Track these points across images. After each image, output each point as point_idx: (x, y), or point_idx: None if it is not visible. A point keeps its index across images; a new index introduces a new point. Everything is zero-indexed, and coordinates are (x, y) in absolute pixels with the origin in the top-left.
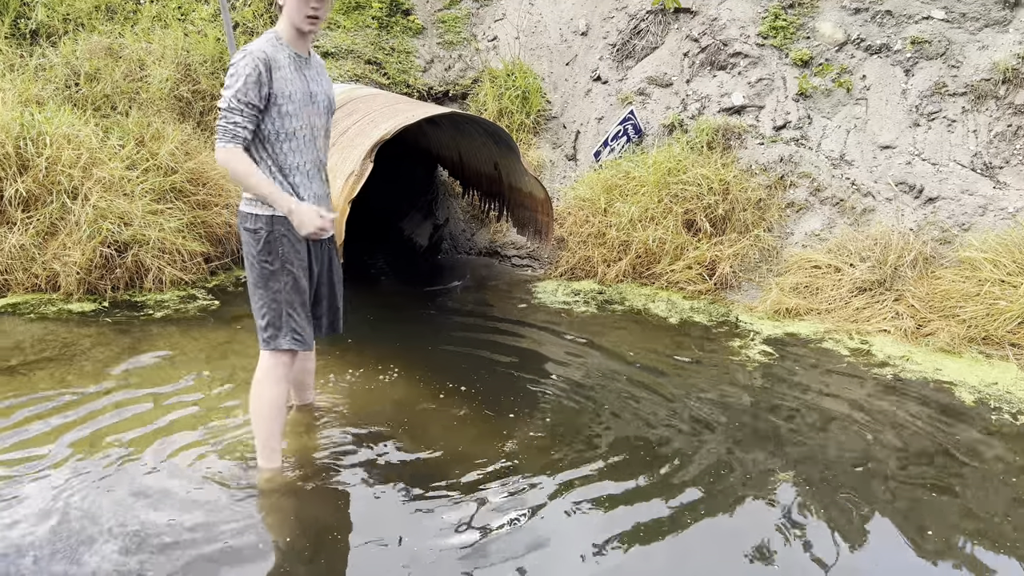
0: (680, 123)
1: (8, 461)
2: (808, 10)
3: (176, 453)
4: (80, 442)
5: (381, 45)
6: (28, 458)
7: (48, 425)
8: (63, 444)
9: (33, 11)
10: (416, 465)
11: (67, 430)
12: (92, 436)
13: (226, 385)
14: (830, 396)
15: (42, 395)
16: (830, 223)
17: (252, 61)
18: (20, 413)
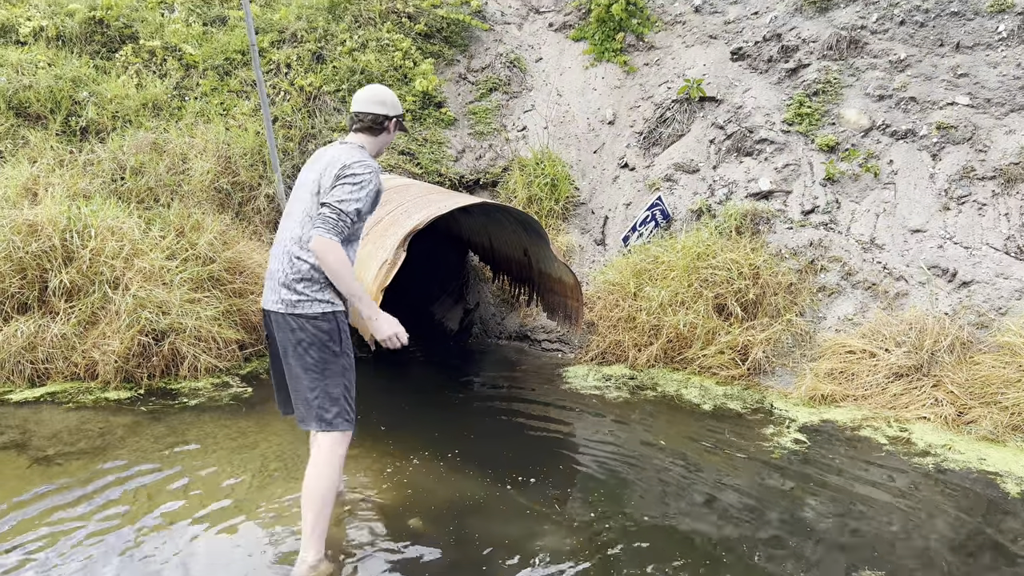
0: (708, 208)
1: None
2: (832, 97)
3: (208, 533)
4: (106, 530)
5: (414, 136)
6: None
7: (76, 512)
8: (90, 533)
9: (84, 109)
10: (451, 553)
11: (97, 519)
12: (121, 523)
13: (256, 475)
14: (870, 486)
15: (76, 483)
16: (863, 307)
17: (377, 179)
18: (48, 500)
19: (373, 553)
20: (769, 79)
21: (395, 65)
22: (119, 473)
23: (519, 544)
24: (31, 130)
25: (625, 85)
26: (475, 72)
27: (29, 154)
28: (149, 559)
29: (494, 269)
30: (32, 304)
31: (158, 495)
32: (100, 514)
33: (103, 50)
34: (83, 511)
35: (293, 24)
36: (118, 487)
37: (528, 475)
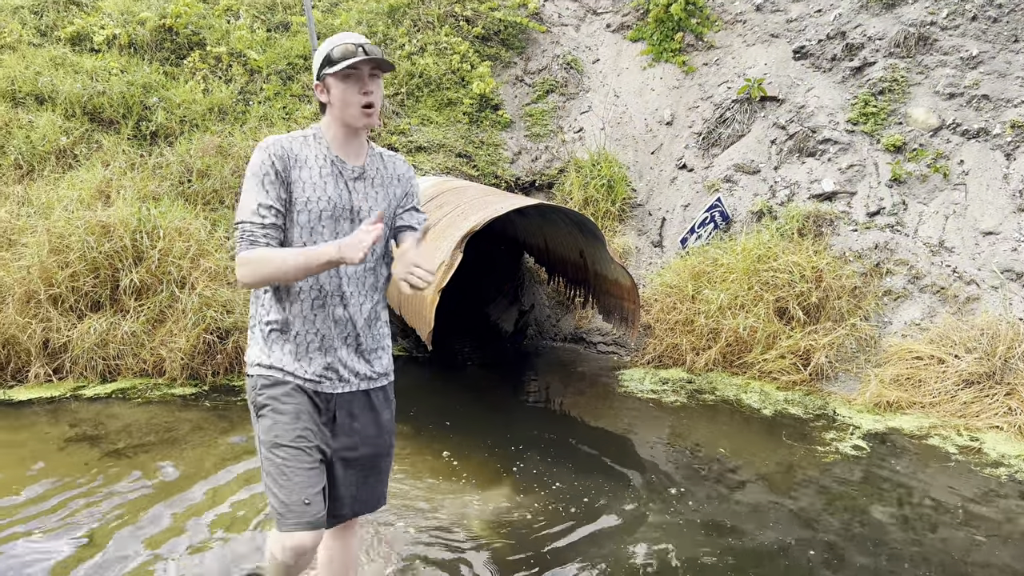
0: (769, 210)
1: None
2: (899, 96)
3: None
4: (173, 527)
5: (471, 139)
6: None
7: (151, 504)
8: (162, 521)
9: (154, 114)
10: (504, 561)
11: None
12: (186, 514)
13: None
14: (938, 496)
15: (145, 476)
16: (931, 312)
17: (260, 153)
18: (119, 492)
19: (428, 556)
20: (833, 78)
21: (453, 68)
22: (185, 467)
23: (578, 549)
24: (104, 134)
25: (684, 85)
26: (532, 74)
27: (102, 157)
28: (220, 553)
29: (549, 271)
30: (104, 302)
31: (225, 489)
32: (167, 503)
33: (172, 57)
34: (150, 503)
35: (353, 29)
36: (186, 481)
37: (584, 480)
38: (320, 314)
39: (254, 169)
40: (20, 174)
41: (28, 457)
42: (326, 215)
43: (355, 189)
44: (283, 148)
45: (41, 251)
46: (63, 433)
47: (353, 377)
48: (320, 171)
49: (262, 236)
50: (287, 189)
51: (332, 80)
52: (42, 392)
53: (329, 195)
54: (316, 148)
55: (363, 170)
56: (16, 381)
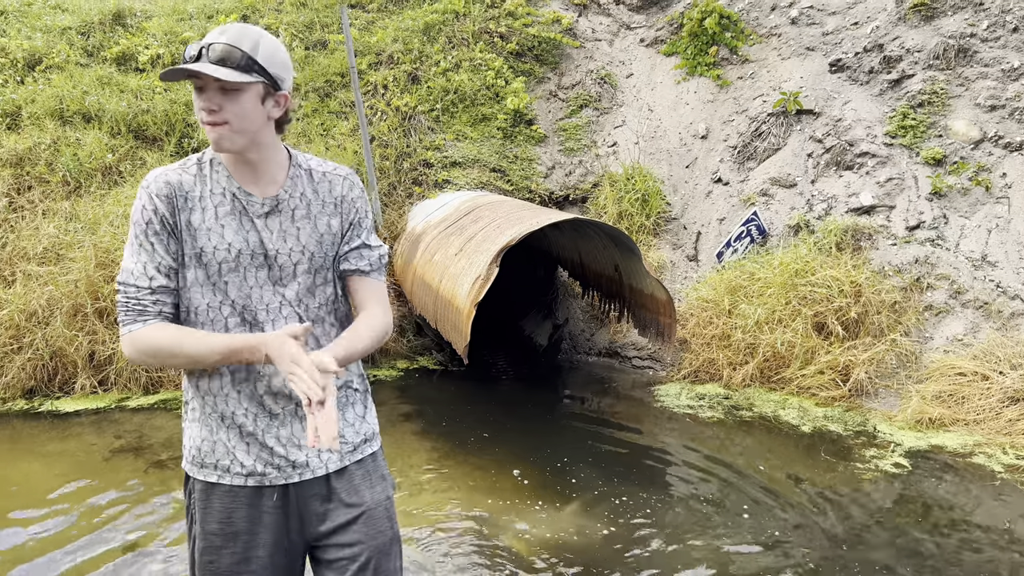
0: (806, 223)
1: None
2: (939, 108)
3: None
4: None
5: (505, 154)
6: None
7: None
8: None
9: (195, 131)
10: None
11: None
12: None
13: None
14: (983, 516)
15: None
16: (974, 327)
17: (141, 197)
18: (165, 504)
19: (465, 567)
20: (870, 91)
21: (487, 84)
22: None
23: (609, 563)
24: (148, 151)
25: (718, 99)
26: (566, 89)
27: (146, 174)
28: None
29: (584, 285)
30: None
31: None
32: None
33: None
34: None
35: (390, 46)
36: None
37: (618, 496)
38: (245, 389)
39: (135, 217)
40: (68, 190)
41: (75, 468)
42: (227, 267)
43: (267, 228)
44: (168, 185)
45: (88, 265)
46: (108, 444)
47: (315, 458)
48: (217, 211)
49: (151, 304)
50: (177, 239)
51: None
52: (88, 403)
53: (229, 242)
54: (212, 179)
55: (277, 202)
56: (63, 392)
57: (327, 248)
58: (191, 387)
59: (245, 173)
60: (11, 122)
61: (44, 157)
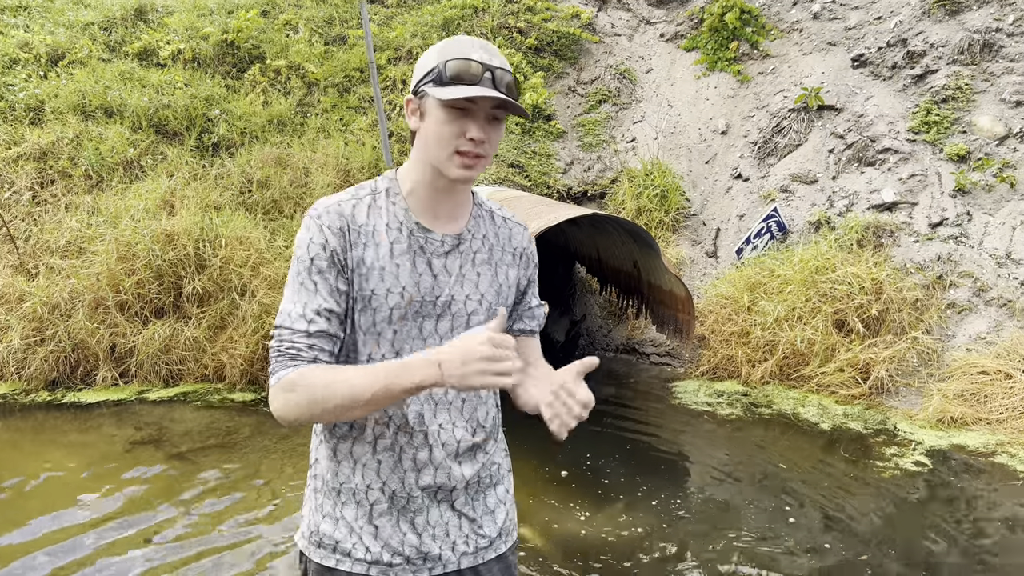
0: (827, 220)
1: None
2: (963, 104)
3: None
4: (238, 529)
5: (523, 149)
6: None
7: (213, 508)
8: (226, 526)
9: (216, 126)
10: (550, 571)
11: (230, 514)
12: (250, 522)
13: None
14: (1008, 515)
15: (206, 479)
16: (997, 325)
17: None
18: (184, 494)
19: None
20: (893, 86)
21: None
22: (246, 470)
23: (630, 561)
24: (168, 146)
25: (738, 95)
26: (584, 84)
27: (167, 168)
28: (273, 556)
29: (602, 281)
30: (168, 309)
31: (281, 491)
32: (226, 505)
33: (233, 70)
34: (213, 506)
35: (408, 42)
36: (245, 483)
37: (636, 493)
38: (388, 460)
39: (299, 251)
40: (90, 184)
41: (97, 458)
42: (397, 314)
43: (445, 270)
44: (341, 218)
45: (109, 259)
46: (128, 436)
47: (449, 551)
48: (392, 248)
49: (307, 348)
50: (347, 279)
51: (433, 105)
52: (109, 395)
53: (404, 284)
54: (389, 211)
55: (459, 241)
56: (85, 384)
57: (503, 301)
58: (322, 450)
59: (429, 207)
60: (34, 116)
61: (67, 151)
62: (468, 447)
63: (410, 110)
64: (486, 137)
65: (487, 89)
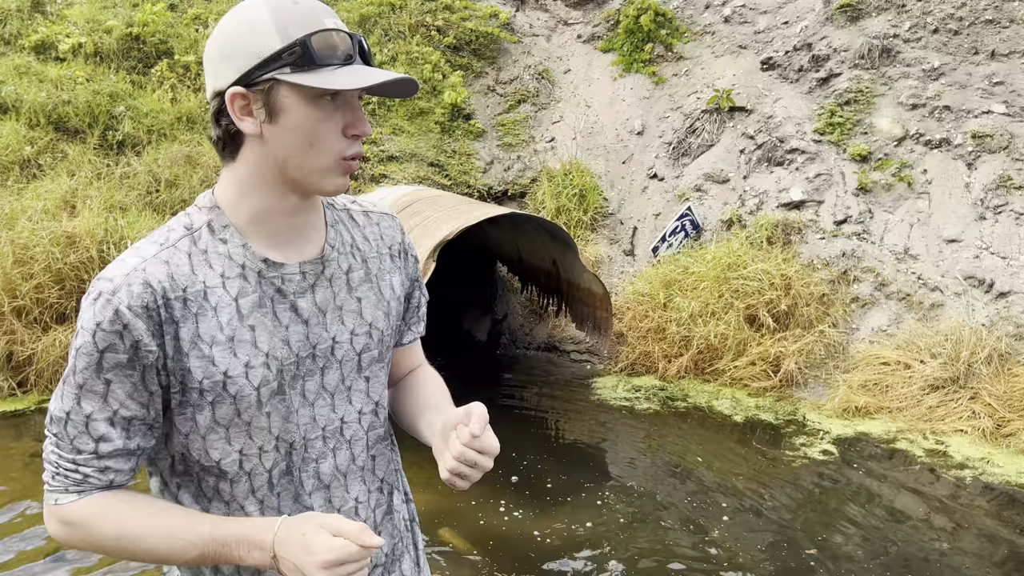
0: (738, 218)
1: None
2: (864, 106)
3: None
4: None
5: (443, 148)
6: None
7: None
8: None
9: (120, 123)
10: (475, 571)
11: None
12: None
13: None
14: (906, 500)
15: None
16: (897, 318)
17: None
18: None
19: None
20: (800, 88)
21: (425, 78)
22: None
23: (546, 557)
24: (69, 144)
25: (654, 96)
26: (504, 84)
27: (68, 167)
28: None
29: (523, 280)
30: (70, 314)
31: None
32: None
33: (139, 65)
34: None
35: None
36: None
37: (555, 488)
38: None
39: (81, 341)
40: None
41: None
42: (267, 393)
43: (317, 310)
44: (148, 289)
45: (4, 262)
46: (28, 448)
47: None
48: (238, 306)
49: (96, 473)
50: (164, 374)
51: (295, 99)
52: (5, 406)
53: (267, 350)
54: (220, 255)
55: (322, 265)
56: None
57: (394, 321)
58: None
59: (278, 234)
60: None
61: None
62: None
63: (240, 108)
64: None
65: (386, 72)
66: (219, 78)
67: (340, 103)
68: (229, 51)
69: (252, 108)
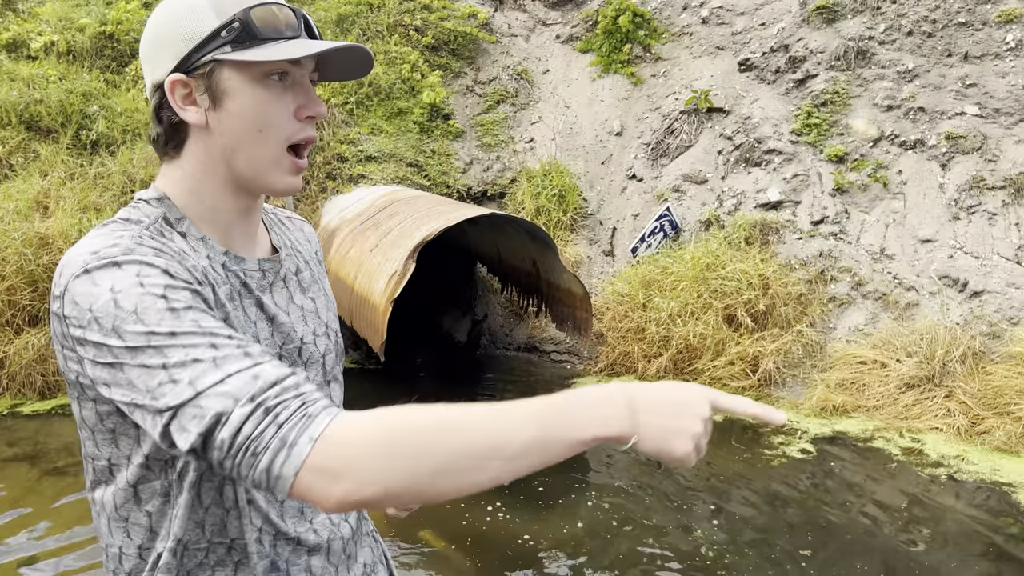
0: (717, 219)
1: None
2: (841, 108)
3: None
4: None
5: (422, 148)
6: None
7: (87, 522)
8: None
9: (94, 123)
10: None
11: None
12: None
13: None
14: (882, 497)
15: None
16: (874, 318)
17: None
18: (59, 512)
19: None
20: (777, 90)
21: (403, 78)
22: None
23: (526, 557)
24: (42, 144)
25: (632, 96)
26: (482, 84)
27: (40, 167)
28: None
29: (502, 280)
30: (43, 317)
31: None
32: None
33: (113, 64)
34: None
35: None
36: None
37: (535, 490)
38: None
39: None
40: None
41: None
42: None
43: (279, 308)
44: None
45: None
46: (0, 452)
47: None
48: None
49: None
50: None
51: (241, 80)
52: None
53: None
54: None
55: (278, 264)
56: None
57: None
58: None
59: (229, 229)
60: None
61: None
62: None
63: (181, 97)
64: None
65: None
66: (156, 68)
67: (289, 83)
68: (164, 39)
69: (195, 96)
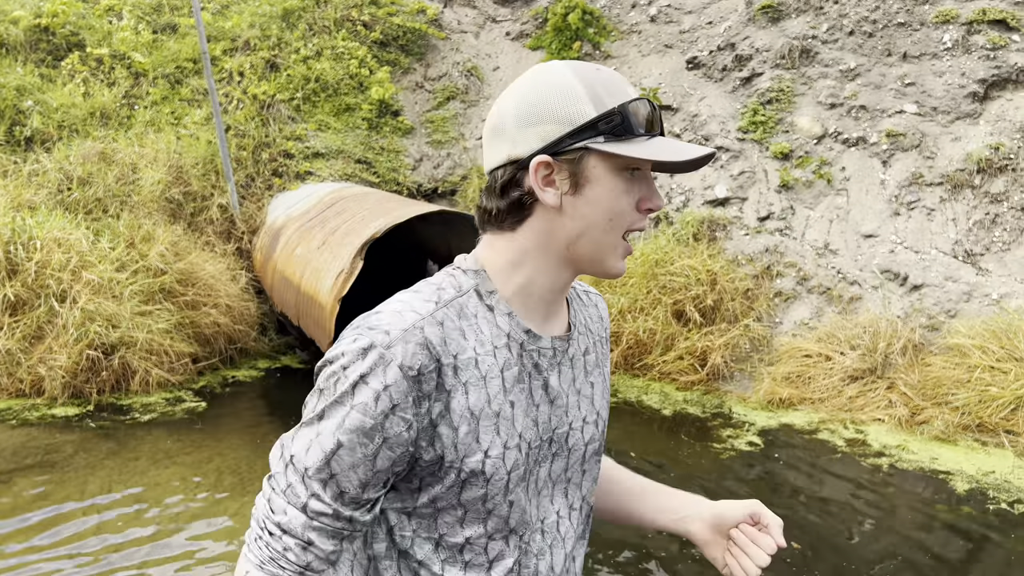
0: (665, 215)
1: None
2: (785, 105)
3: (160, 563)
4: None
5: (371, 145)
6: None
7: (28, 531)
8: (43, 555)
9: (28, 118)
10: None
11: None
12: (71, 547)
13: (210, 490)
14: (827, 487)
15: (23, 502)
16: (818, 312)
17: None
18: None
19: None
20: (724, 88)
21: (351, 73)
22: (67, 490)
23: None
24: None
25: None
26: (432, 80)
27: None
28: None
29: None
30: None
31: (108, 511)
32: (47, 533)
33: (49, 58)
34: (29, 530)
35: (246, 32)
36: (64, 504)
37: None
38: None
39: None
40: None
41: None
42: (516, 478)
43: (562, 391)
44: (427, 350)
45: None
46: None
47: None
48: (503, 379)
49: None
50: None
51: (605, 170)
52: None
53: (521, 431)
54: (488, 322)
55: (568, 343)
56: None
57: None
58: None
59: (536, 305)
60: None
61: None
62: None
63: (542, 178)
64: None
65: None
66: (518, 145)
67: (639, 176)
68: (535, 118)
69: (555, 177)
